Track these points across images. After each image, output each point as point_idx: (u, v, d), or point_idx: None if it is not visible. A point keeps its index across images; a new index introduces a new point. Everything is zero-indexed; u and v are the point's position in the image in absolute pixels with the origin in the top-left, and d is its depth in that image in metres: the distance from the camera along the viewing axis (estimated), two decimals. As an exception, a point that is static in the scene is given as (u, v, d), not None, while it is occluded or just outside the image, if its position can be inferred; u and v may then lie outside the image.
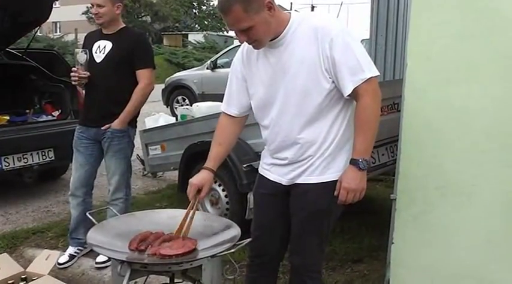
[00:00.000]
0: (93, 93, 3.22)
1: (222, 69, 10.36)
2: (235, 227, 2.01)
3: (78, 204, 3.38)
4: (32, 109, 5.25)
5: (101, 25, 3.19)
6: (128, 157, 3.35)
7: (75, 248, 3.47)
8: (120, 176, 3.29)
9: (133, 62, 3.15)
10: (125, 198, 3.34)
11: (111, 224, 2.15)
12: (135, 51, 3.16)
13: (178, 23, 36.27)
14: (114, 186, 3.29)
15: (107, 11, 3.10)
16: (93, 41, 3.23)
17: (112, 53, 3.15)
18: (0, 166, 4.37)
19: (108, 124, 3.19)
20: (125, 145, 3.28)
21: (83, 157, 3.32)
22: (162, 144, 4.48)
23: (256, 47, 1.94)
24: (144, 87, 3.18)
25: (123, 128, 3.21)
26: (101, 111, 3.21)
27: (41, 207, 4.65)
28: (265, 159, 2.18)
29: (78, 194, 3.37)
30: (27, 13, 5.08)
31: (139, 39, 3.29)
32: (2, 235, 3.91)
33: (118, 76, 3.15)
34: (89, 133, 3.29)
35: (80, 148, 3.33)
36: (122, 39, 3.18)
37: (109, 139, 3.22)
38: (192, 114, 4.81)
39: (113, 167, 3.28)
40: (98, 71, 3.15)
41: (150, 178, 5.52)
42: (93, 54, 3.18)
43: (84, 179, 3.35)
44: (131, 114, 3.23)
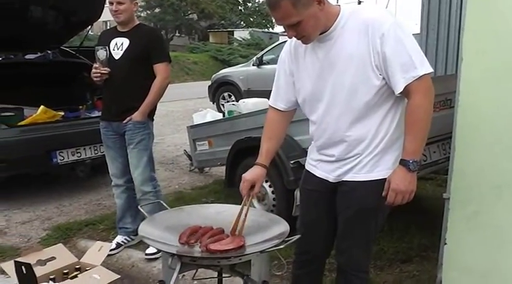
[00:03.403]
0: (113, 89, 3.33)
1: (268, 65, 10.36)
2: (283, 224, 2.00)
3: (122, 192, 3.54)
4: (85, 105, 5.42)
5: (120, 22, 3.28)
6: (149, 149, 3.44)
7: (123, 237, 3.59)
8: (143, 169, 3.37)
9: (150, 57, 3.25)
10: (155, 191, 3.43)
11: (161, 217, 2.19)
12: (151, 47, 3.26)
13: (224, 20, 36.54)
14: (139, 180, 3.38)
15: (126, 8, 3.21)
16: (110, 39, 3.32)
17: (130, 50, 3.25)
18: (55, 160, 4.54)
19: (128, 117, 3.30)
20: (146, 137, 3.37)
21: (114, 152, 3.47)
22: (209, 140, 4.53)
23: (305, 41, 1.92)
24: (162, 80, 3.29)
25: (143, 120, 3.31)
26: (121, 106, 3.32)
27: (92, 200, 4.80)
28: (312, 155, 2.15)
29: (120, 183, 3.53)
30: (79, 13, 5.27)
31: (154, 35, 3.41)
32: (56, 226, 4.07)
33: (136, 71, 3.24)
34: (112, 127, 3.42)
35: (109, 144, 3.47)
36: (138, 35, 3.27)
37: (130, 131, 3.33)
38: (239, 110, 4.84)
39: (135, 160, 3.38)
40: (116, 68, 3.25)
41: (197, 174, 5.59)
42: (111, 51, 3.28)
43: (121, 169, 3.49)
44: (150, 105, 3.33)
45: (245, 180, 2.06)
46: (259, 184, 2.07)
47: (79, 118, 5.10)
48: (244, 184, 2.05)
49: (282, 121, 2.17)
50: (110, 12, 3.27)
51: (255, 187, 2.06)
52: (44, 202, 4.71)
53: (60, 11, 5.15)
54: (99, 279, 2.53)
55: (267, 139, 2.16)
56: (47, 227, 4.08)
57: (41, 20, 5.15)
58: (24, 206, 4.60)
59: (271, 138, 2.16)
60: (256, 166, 2.10)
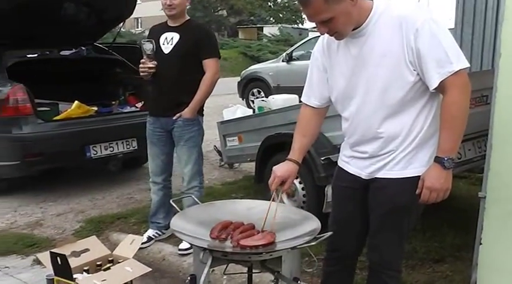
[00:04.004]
0: (162, 83, 3.32)
1: (298, 61, 10.32)
2: (315, 220, 1.99)
3: (159, 189, 3.55)
4: (117, 100, 5.52)
5: (172, 16, 3.28)
6: (199, 145, 3.45)
7: (154, 231, 3.63)
8: (193, 165, 3.39)
9: (199, 52, 3.25)
10: (199, 186, 3.45)
11: (192, 212, 2.21)
12: (201, 42, 3.26)
13: (253, 16, 36.54)
14: (189, 175, 3.40)
15: (180, 2, 3.22)
16: (160, 33, 3.33)
17: (180, 44, 3.25)
18: (89, 155, 4.65)
19: (178, 113, 3.29)
20: (195, 134, 3.38)
21: (158, 148, 3.46)
22: (239, 136, 4.54)
23: (337, 38, 1.89)
24: (212, 76, 3.27)
25: (193, 117, 3.31)
26: (170, 101, 3.32)
27: (124, 194, 4.89)
28: (345, 151, 2.13)
29: (158, 181, 3.54)
30: (112, 10, 5.36)
31: (204, 30, 3.41)
32: (90, 219, 4.16)
33: (186, 66, 3.25)
34: (159, 124, 3.41)
35: (153, 140, 3.47)
36: (188, 30, 3.28)
37: (180, 128, 3.32)
38: (269, 106, 4.83)
39: (185, 156, 3.38)
40: (166, 62, 3.25)
41: (227, 169, 5.62)
42: (161, 45, 3.28)
43: (162, 167, 3.51)
44: (200, 102, 3.33)
45: (276, 176, 2.04)
46: (290, 181, 2.06)
47: (112, 114, 5.20)
48: (275, 180, 2.04)
49: (315, 118, 2.16)
50: (163, 6, 3.26)
51: (285, 183, 2.04)
52: (77, 195, 4.83)
53: (93, 8, 5.25)
54: (131, 271, 2.57)
55: (300, 136, 2.15)
56: (81, 220, 4.17)
57: (75, 17, 5.26)
58: (59, 199, 4.73)
59: (305, 135, 2.15)
60: (288, 161, 2.09)
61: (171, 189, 3.60)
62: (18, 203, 4.61)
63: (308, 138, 2.15)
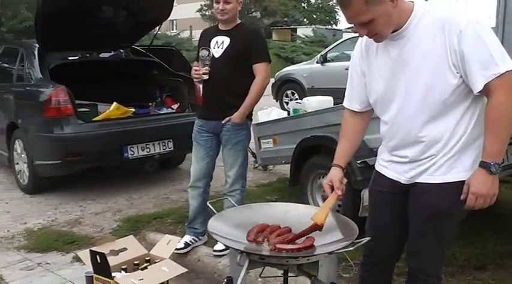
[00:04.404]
0: (212, 87, 3.32)
1: (332, 63, 10.24)
2: (352, 225, 1.97)
3: (199, 195, 3.53)
4: (154, 102, 5.61)
5: (224, 21, 3.28)
6: (245, 149, 3.45)
7: (191, 237, 3.63)
8: (238, 168, 3.39)
9: (250, 57, 3.24)
10: (241, 189, 3.44)
11: (229, 214, 2.22)
12: (252, 46, 3.24)
13: (287, 18, 36.45)
14: (233, 178, 3.40)
15: (233, 7, 3.22)
16: (211, 37, 3.34)
17: (230, 48, 3.25)
18: (126, 155, 4.73)
19: (227, 117, 3.29)
20: (243, 138, 3.37)
21: (204, 150, 3.45)
22: (274, 138, 4.54)
23: (377, 40, 1.86)
24: (262, 80, 3.27)
25: (242, 122, 3.31)
26: (220, 104, 3.32)
27: (160, 194, 4.95)
28: (383, 155, 2.10)
29: (199, 185, 3.52)
30: (149, 13, 5.45)
31: (255, 34, 3.38)
32: (127, 218, 4.24)
33: (236, 70, 3.24)
34: (208, 126, 3.41)
35: (200, 142, 3.46)
36: (239, 34, 3.27)
37: (228, 132, 3.33)
38: (304, 108, 4.80)
39: (231, 159, 3.39)
40: (216, 66, 3.25)
41: (261, 171, 5.63)
42: (212, 49, 3.28)
43: (205, 171, 3.49)
44: (250, 107, 3.32)
45: (323, 186, 2.07)
46: (336, 182, 2.04)
47: (149, 115, 5.29)
48: (326, 190, 2.05)
49: (357, 122, 2.13)
50: (214, 11, 3.28)
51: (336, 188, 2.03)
52: (115, 194, 4.92)
53: (131, 11, 5.35)
54: (167, 272, 2.60)
55: (342, 140, 2.14)
56: (118, 219, 4.25)
57: (114, 20, 5.38)
58: (97, 197, 4.84)
59: (347, 139, 2.14)
60: (333, 167, 2.10)
61: (209, 194, 3.61)
62: (59, 201, 4.74)
63: (349, 141, 2.14)
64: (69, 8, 4.69)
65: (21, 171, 5.02)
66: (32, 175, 4.82)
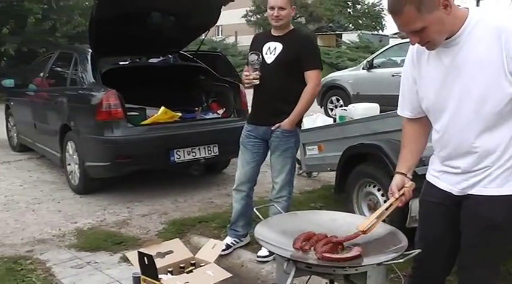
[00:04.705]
0: (263, 92, 3.34)
1: (379, 69, 10.07)
2: (401, 236, 1.94)
3: (242, 198, 3.56)
4: (200, 107, 5.69)
5: (278, 27, 3.29)
6: (294, 156, 3.44)
7: (232, 239, 3.67)
8: (285, 175, 3.39)
9: (302, 63, 3.24)
10: (288, 196, 3.44)
11: (275, 221, 2.23)
12: (304, 53, 3.24)
13: (332, 23, 36.19)
14: (280, 185, 3.40)
15: (287, 13, 3.24)
16: (263, 43, 3.36)
17: (282, 54, 3.26)
18: (173, 159, 4.82)
19: (277, 123, 3.30)
20: (292, 145, 3.38)
21: (250, 155, 3.47)
22: (319, 145, 4.51)
23: (430, 48, 1.82)
24: (313, 88, 3.26)
25: (292, 129, 3.31)
26: (270, 110, 3.33)
27: (205, 198, 5.01)
28: (434, 165, 2.05)
29: (243, 189, 3.55)
30: (197, 18, 5.54)
31: (308, 41, 3.38)
32: (172, 221, 4.31)
33: (288, 76, 3.25)
34: (257, 132, 3.43)
35: (247, 146, 3.48)
36: (291, 40, 3.27)
37: (277, 138, 3.33)
38: (351, 115, 4.75)
39: (279, 166, 3.39)
40: (268, 72, 3.26)
41: (305, 178, 5.60)
42: (264, 55, 3.30)
43: (250, 175, 3.51)
44: (300, 114, 3.33)
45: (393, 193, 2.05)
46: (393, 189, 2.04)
47: (195, 120, 5.37)
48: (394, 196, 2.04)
49: (415, 128, 2.09)
50: (269, 17, 3.29)
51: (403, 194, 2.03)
52: (161, 197, 5.02)
53: (180, 17, 5.46)
54: (212, 276, 2.62)
55: (402, 147, 2.13)
56: (164, 221, 4.33)
57: (163, 26, 5.50)
58: (144, 200, 4.94)
59: (405, 147, 2.11)
60: (396, 175, 2.09)
61: (252, 199, 3.63)
62: (108, 202, 4.87)
63: (409, 149, 2.10)
64: (120, 15, 4.84)
65: (73, 171, 5.19)
66: (83, 176, 4.98)
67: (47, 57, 6.86)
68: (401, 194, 2.03)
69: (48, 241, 3.90)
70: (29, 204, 4.84)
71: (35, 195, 5.16)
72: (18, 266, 3.39)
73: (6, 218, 4.44)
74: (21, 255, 3.60)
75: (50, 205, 4.80)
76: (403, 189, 2.03)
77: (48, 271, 3.36)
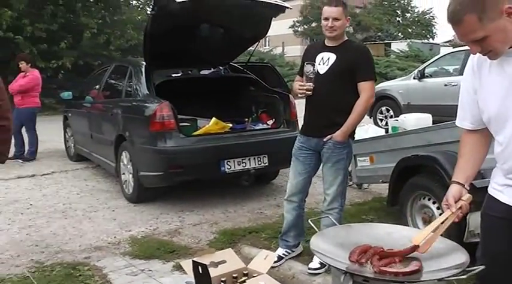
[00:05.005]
0: (316, 103, 3.33)
1: (430, 78, 9.83)
2: (462, 252, 1.88)
3: (293, 209, 3.55)
4: (250, 118, 5.73)
5: (332, 38, 3.28)
6: (346, 168, 3.40)
7: (284, 250, 3.66)
8: (337, 186, 3.36)
9: (355, 74, 3.21)
10: (340, 208, 3.40)
11: (330, 233, 2.21)
12: (358, 64, 3.22)
13: (381, 32, 35.75)
14: (332, 196, 3.37)
15: (341, 24, 3.23)
16: (316, 53, 3.35)
17: (336, 65, 3.24)
18: (223, 169, 4.87)
19: (329, 134, 3.28)
20: (345, 156, 3.35)
21: (302, 166, 3.46)
22: (370, 156, 4.44)
23: (492, 57, 1.77)
24: (367, 99, 3.23)
25: (344, 140, 3.28)
26: (323, 121, 3.32)
27: (254, 209, 5.03)
28: (497, 179, 1.97)
29: (294, 200, 3.54)
30: (248, 30, 5.62)
31: (362, 52, 3.34)
32: (223, 230, 4.35)
33: (340, 87, 3.23)
34: (309, 144, 3.42)
35: (299, 157, 3.47)
36: (345, 51, 3.26)
37: (330, 150, 3.31)
38: (404, 126, 4.66)
39: (331, 177, 3.37)
40: (321, 82, 3.25)
41: (355, 189, 5.52)
42: (317, 65, 3.29)
43: (301, 186, 3.50)
44: (353, 126, 3.30)
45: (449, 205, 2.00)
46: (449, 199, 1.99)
47: (245, 130, 5.42)
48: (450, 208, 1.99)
49: (474, 140, 2.03)
50: (323, 28, 3.27)
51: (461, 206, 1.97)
52: (211, 207, 5.08)
53: (231, 29, 5.55)
54: (265, 287, 2.64)
55: (458, 157, 2.07)
56: (215, 231, 4.37)
57: (214, 38, 5.61)
58: (195, 209, 5.01)
59: (462, 157, 2.05)
60: (452, 184, 2.04)
61: (304, 209, 3.62)
62: (160, 211, 4.98)
63: (467, 160, 2.04)
64: (173, 29, 4.97)
65: (127, 181, 5.34)
66: (137, 185, 5.11)
67: (103, 70, 7.14)
68: (458, 207, 1.96)
69: (104, 248, 4.02)
70: (86, 212, 5.01)
71: (91, 203, 5.34)
72: (76, 272, 3.51)
73: (65, 225, 4.62)
74: (79, 261, 3.73)
75: (106, 213, 4.96)
76: (460, 202, 1.97)
77: (105, 278, 3.46)
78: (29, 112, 7.62)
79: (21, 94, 7.55)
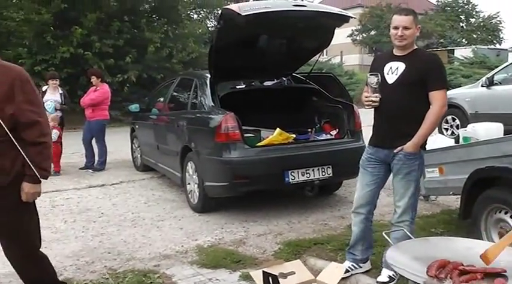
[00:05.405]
0: (384, 113, 3.27)
1: (500, 86, 9.39)
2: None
3: (361, 221, 3.49)
4: (314, 128, 5.72)
5: (402, 47, 3.22)
6: (418, 179, 3.31)
7: (350, 263, 3.59)
8: (408, 199, 3.28)
9: (426, 83, 3.13)
10: (411, 220, 3.31)
11: (406, 246, 2.17)
12: (429, 73, 3.14)
13: (443, 39, 34.62)
14: (402, 209, 3.29)
15: (412, 33, 3.17)
16: (384, 63, 3.30)
17: (405, 74, 3.18)
18: (287, 180, 4.87)
19: (400, 145, 3.21)
20: (416, 168, 3.26)
21: (370, 177, 3.40)
22: (440, 167, 4.30)
23: None
24: (439, 109, 3.13)
25: (415, 151, 3.20)
26: (393, 132, 3.25)
27: (319, 220, 4.99)
28: None
29: (362, 212, 3.48)
30: (311, 41, 5.63)
31: (433, 61, 3.25)
32: (287, 241, 4.34)
33: (411, 97, 3.16)
34: (378, 155, 3.36)
35: (367, 168, 3.42)
36: (415, 60, 3.19)
37: (400, 161, 3.24)
38: (476, 136, 4.49)
39: (402, 190, 3.29)
40: (390, 92, 3.20)
41: (422, 201, 5.34)
42: (385, 75, 3.24)
43: (369, 198, 3.44)
44: (425, 137, 3.21)
45: None
46: None
47: (309, 141, 5.40)
48: None
49: None
50: (392, 37, 3.22)
51: None
52: (275, 217, 5.09)
53: (294, 40, 5.58)
54: (335, 299, 2.61)
55: None
56: (279, 242, 4.37)
57: (276, 49, 5.65)
58: (259, 219, 5.04)
59: None
60: None
61: (372, 222, 3.55)
62: (225, 221, 5.04)
63: None
64: (237, 42, 5.07)
65: (192, 191, 5.46)
66: (202, 195, 5.20)
67: (169, 83, 7.37)
68: None
69: (172, 257, 4.12)
70: (154, 221, 5.17)
71: (158, 212, 5.50)
72: (147, 280, 3.62)
73: (134, 233, 4.78)
74: (149, 269, 3.84)
75: (172, 222, 5.09)
76: None
77: (175, 286, 3.56)
78: (99, 125, 7.99)
79: (92, 108, 7.93)
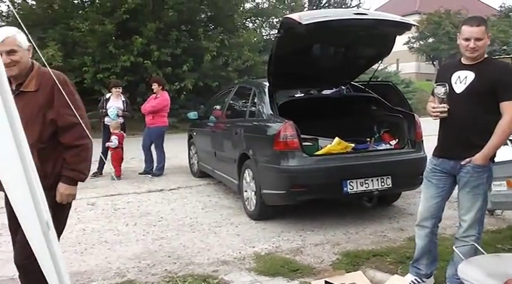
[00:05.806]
0: (452, 124, 3.18)
1: None
2: None
3: (426, 235, 3.39)
4: (373, 138, 5.63)
5: (473, 58, 3.12)
6: (485, 193, 3.19)
7: (413, 277, 3.49)
8: (475, 213, 3.16)
9: (497, 93, 3.02)
10: (477, 235, 3.18)
11: (478, 261, 2.10)
12: (500, 83, 3.02)
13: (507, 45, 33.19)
14: (468, 223, 3.18)
15: (483, 43, 3.06)
16: (452, 72, 3.20)
17: (474, 84, 3.08)
18: (346, 189, 4.82)
19: (467, 157, 3.11)
20: (484, 181, 3.14)
21: (435, 190, 3.31)
22: (508, 180, 4.12)
23: None
24: (510, 120, 3.00)
25: (485, 164, 3.10)
26: (461, 143, 3.15)
27: (377, 231, 4.90)
28: None
29: (426, 225, 3.38)
30: (371, 50, 5.56)
31: (504, 71, 3.13)
32: (346, 252, 4.28)
33: (480, 107, 3.06)
34: (444, 166, 3.27)
35: (432, 180, 3.33)
36: (485, 69, 3.09)
37: (468, 174, 3.13)
38: (549, 148, 4.26)
39: (468, 203, 3.18)
40: (457, 102, 3.11)
41: (487, 215, 5.13)
42: (453, 84, 3.16)
43: (434, 211, 3.34)
44: (495, 148, 3.09)
45: None
46: None
47: (368, 151, 5.32)
48: None
49: None
50: (462, 48, 3.12)
51: None
52: (332, 227, 5.04)
53: (354, 49, 5.53)
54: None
55: None
56: (337, 252, 4.32)
57: (335, 57, 5.63)
58: (315, 229, 5.01)
59: None
60: None
61: (437, 236, 3.44)
62: (281, 229, 5.04)
63: None
64: (296, 50, 5.08)
65: (249, 198, 5.50)
66: (259, 203, 5.23)
67: (227, 91, 7.48)
68: None
69: (230, 263, 4.17)
70: (211, 226, 5.24)
71: (215, 218, 5.58)
72: (207, 285, 3.69)
73: (192, 238, 4.87)
74: (208, 274, 3.90)
75: (230, 229, 5.14)
76: None
77: (233, 291, 3.59)
78: (159, 131, 8.22)
79: (152, 114, 8.18)
